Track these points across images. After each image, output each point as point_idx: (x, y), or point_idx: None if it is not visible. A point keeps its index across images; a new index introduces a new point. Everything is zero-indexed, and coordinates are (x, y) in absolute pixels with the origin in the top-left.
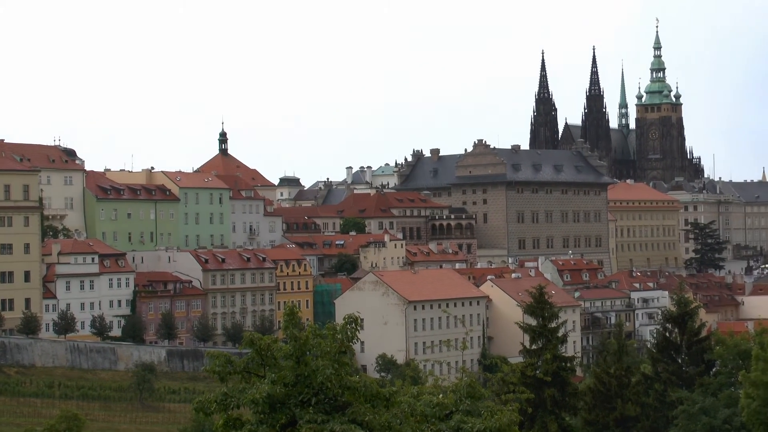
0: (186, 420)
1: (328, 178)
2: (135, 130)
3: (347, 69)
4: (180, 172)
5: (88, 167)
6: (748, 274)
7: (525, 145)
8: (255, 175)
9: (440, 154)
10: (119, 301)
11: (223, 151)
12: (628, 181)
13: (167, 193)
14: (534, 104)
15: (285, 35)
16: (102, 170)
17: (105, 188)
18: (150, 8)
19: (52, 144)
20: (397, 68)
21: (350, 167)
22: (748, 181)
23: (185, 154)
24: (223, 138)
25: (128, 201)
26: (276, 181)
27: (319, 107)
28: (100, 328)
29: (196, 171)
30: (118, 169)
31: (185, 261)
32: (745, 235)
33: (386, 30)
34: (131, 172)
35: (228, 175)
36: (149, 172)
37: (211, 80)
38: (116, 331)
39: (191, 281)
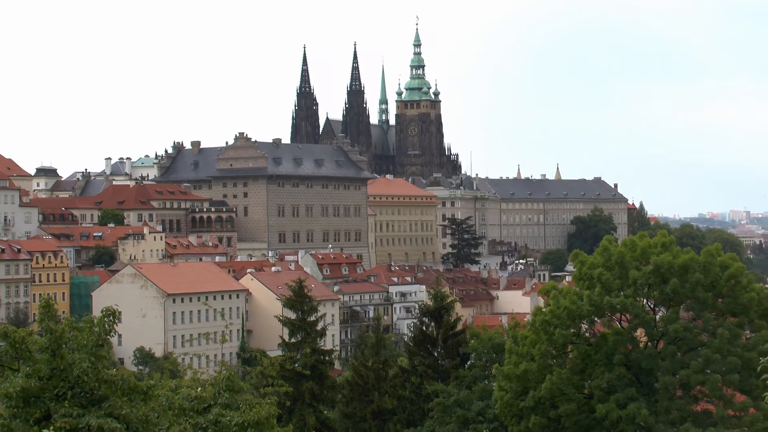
0: None
1: (86, 169)
2: None
3: (105, 58)
4: None
5: None
6: (503, 269)
7: (286, 139)
8: (10, 164)
9: (201, 146)
10: None
11: None
12: (387, 176)
13: None
14: (296, 98)
15: (40, 22)
16: None
17: None
18: None
19: None
20: (157, 58)
21: (109, 158)
22: (504, 177)
23: None
24: None
25: None
26: (32, 171)
27: (77, 96)
28: None
29: None
30: None
31: None
32: (501, 230)
33: (149, 19)
34: None
35: None
36: None
37: None
38: None
39: None
